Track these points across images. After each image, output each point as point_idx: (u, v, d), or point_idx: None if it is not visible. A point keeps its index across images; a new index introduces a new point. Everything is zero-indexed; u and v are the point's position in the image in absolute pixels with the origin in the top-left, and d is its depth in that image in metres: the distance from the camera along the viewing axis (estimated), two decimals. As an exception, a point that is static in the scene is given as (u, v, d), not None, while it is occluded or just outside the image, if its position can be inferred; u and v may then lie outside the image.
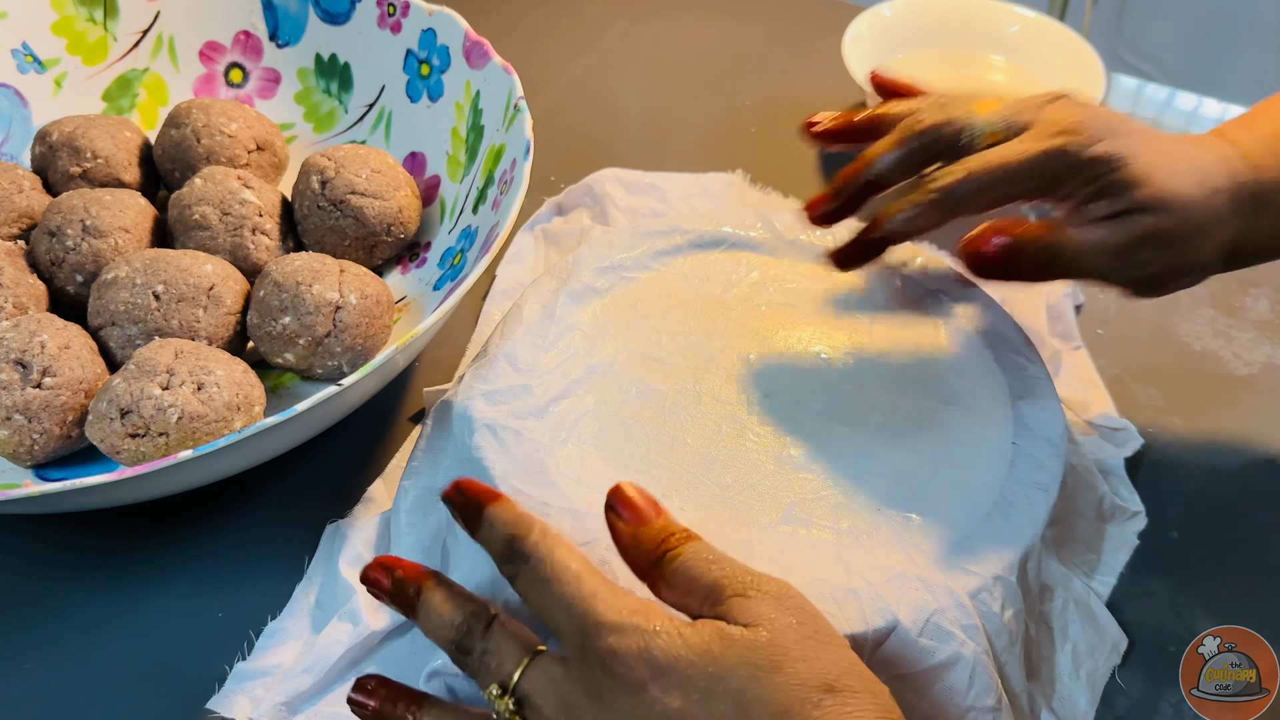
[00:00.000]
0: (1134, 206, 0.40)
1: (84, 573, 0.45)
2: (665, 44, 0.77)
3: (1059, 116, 0.41)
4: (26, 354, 0.45)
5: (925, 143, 0.42)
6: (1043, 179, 0.41)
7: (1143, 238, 0.40)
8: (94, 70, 0.63)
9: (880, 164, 0.43)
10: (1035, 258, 0.41)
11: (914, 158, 0.43)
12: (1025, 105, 0.43)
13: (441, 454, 0.45)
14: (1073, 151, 0.40)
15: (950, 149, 0.42)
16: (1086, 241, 0.41)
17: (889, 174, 0.43)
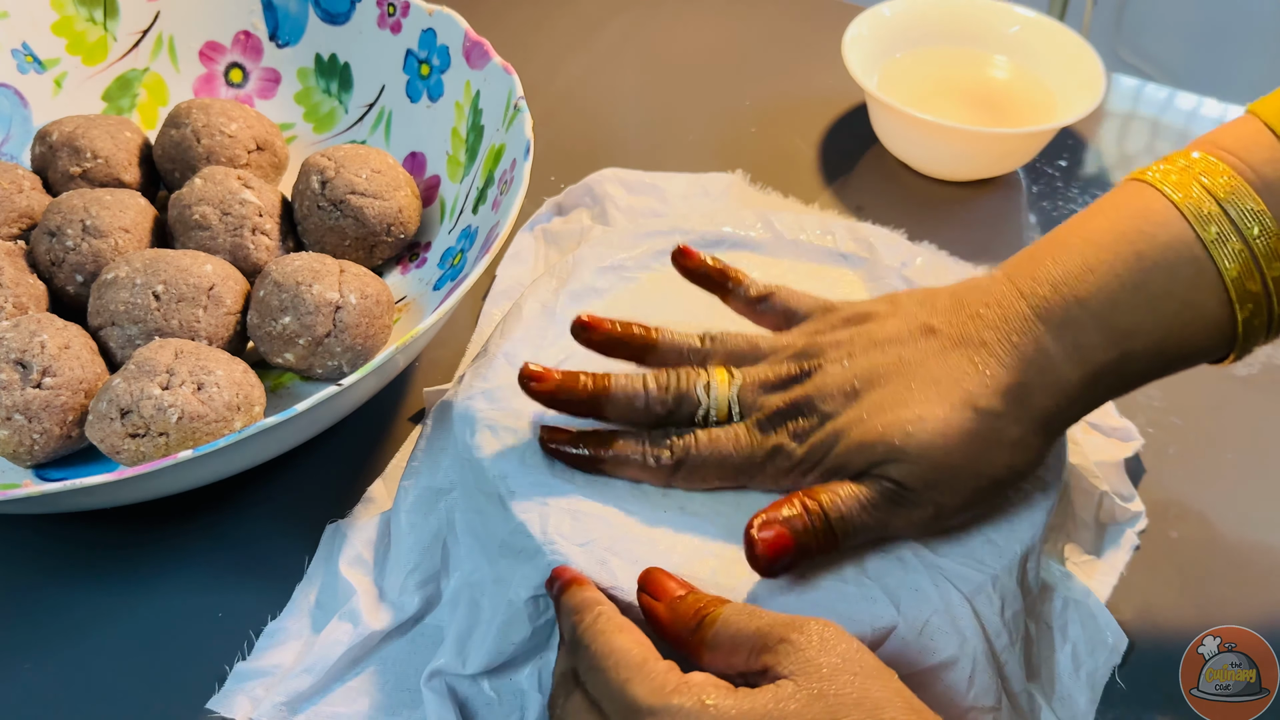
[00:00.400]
0: (867, 468, 0.37)
1: (84, 573, 0.45)
2: (665, 44, 0.77)
3: (780, 402, 0.40)
4: (26, 354, 0.45)
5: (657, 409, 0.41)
6: (757, 473, 0.40)
7: (899, 486, 0.37)
8: (94, 70, 0.63)
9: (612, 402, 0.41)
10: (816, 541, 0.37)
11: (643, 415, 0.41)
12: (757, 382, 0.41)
13: (441, 454, 0.45)
14: (786, 449, 0.39)
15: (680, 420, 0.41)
16: (852, 509, 0.37)
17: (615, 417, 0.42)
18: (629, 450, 0.41)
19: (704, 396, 0.41)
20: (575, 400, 0.41)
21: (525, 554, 0.39)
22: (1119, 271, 0.37)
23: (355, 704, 0.41)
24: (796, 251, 0.51)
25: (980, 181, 0.65)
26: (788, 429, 0.39)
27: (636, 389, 0.41)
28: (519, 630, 0.39)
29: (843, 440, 0.38)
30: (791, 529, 0.36)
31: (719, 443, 0.40)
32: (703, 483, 0.41)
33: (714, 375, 0.42)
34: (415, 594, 0.43)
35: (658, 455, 0.40)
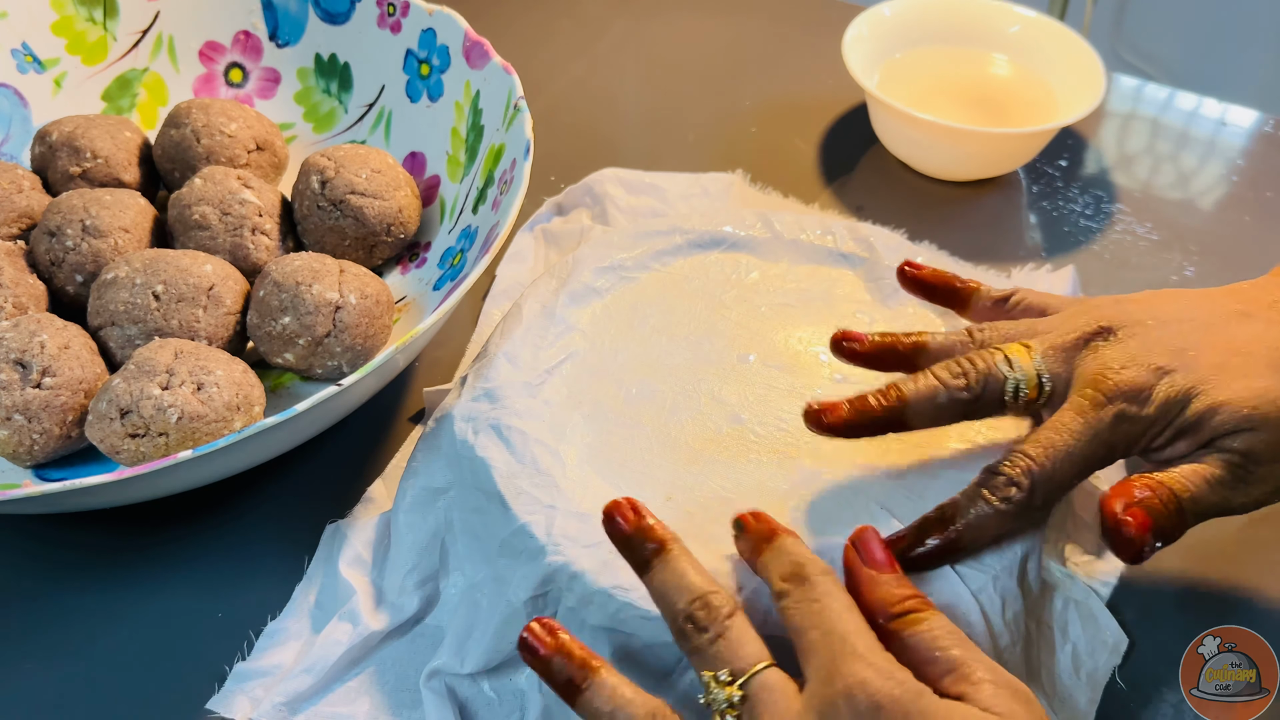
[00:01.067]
0: (1216, 435, 0.37)
1: (84, 572, 0.45)
2: (665, 44, 0.77)
3: (1100, 370, 0.37)
4: (26, 354, 0.45)
5: (963, 400, 0.39)
6: (1110, 452, 0.37)
7: (1244, 461, 0.36)
8: (94, 70, 0.63)
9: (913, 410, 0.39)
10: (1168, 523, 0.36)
11: (948, 412, 0.39)
12: (1061, 346, 0.39)
13: (441, 454, 0.45)
14: (1132, 414, 0.37)
15: (988, 407, 0.39)
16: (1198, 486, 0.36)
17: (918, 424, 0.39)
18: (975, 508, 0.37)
19: (1007, 370, 0.38)
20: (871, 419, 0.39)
21: (526, 554, 0.39)
22: None
23: (355, 704, 0.41)
24: (796, 251, 0.51)
25: (980, 181, 0.65)
26: (1121, 392, 0.37)
27: (932, 385, 0.39)
28: (517, 630, 0.39)
29: (1198, 399, 0.36)
30: (1149, 511, 0.35)
31: (1056, 444, 0.37)
32: (1060, 496, 0.38)
33: (1009, 350, 0.39)
34: (414, 594, 0.43)
35: (1006, 496, 0.37)
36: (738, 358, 0.46)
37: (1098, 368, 0.38)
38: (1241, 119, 0.71)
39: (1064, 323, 0.40)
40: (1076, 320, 0.39)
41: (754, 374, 0.46)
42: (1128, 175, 0.66)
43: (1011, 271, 0.58)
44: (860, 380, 0.45)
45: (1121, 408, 0.37)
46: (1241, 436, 0.36)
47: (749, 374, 0.46)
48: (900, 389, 0.39)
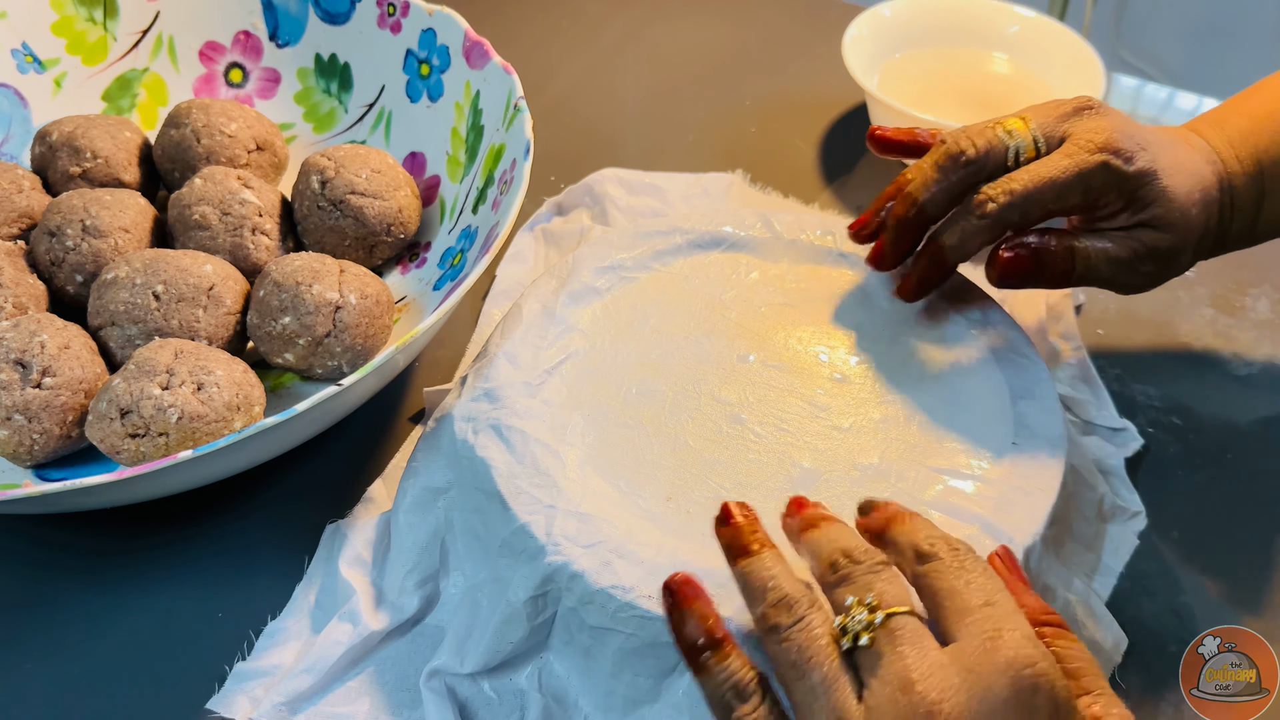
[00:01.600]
0: (1148, 221, 0.43)
1: (84, 573, 0.45)
2: (665, 44, 0.77)
3: (1092, 128, 0.43)
4: (26, 354, 0.45)
5: (970, 172, 0.43)
6: (1087, 192, 0.42)
7: (1147, 253, 0.43)
8: (94, 70, 0.63)
9: (930, 201, 0.44)
10: (1055, 266, 0.43)
11: (959, 188, 0.44)
12: (1054, 116, 0.44)
13: (441, 454, 0.45)
14: (1115, 167, 0.42)
15: (995, 173, 0.43)
16: (1096, 253, 0.44)
17: (939, 210, 0.44)
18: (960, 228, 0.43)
19: (1007, 139, 0.43)
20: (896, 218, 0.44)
21: (526, 554, 0.39)
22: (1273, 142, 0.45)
23: (355, 704, 0.41)
24: (796, 251, 0.51)
25: (980, 181, 0.65)
26: (1110, 148, 0.42)
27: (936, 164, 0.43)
28: (517, 629, 0.39)
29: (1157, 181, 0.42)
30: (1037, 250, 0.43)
31: (1042, 171, 0.42)
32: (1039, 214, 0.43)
33: (1005, 122, 0.44)
34: (414, 594, 0.43)
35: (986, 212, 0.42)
36: (738, 358, 0.46)
37: (1090, 127, 0.43)
38: (1241, 119, 0.70)
39: (1050, 104, 0.45)
40: (1061, 101, 0.45)
41: (754, 374, 0.46)
42: None
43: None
44: (862, 380, 0.45)
45: (1108, 158, 0.42)
46: (1154, 233, 0.43)
47: (749, 374, 0.46)
48: (912, 194, 0.44)
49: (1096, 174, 0.42)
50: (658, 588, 0.37)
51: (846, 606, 0.32)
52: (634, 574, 0.38)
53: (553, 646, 0.40)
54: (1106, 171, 0.42)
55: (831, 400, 0.45)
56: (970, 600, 0.32)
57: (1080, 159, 0.42)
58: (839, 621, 0.32)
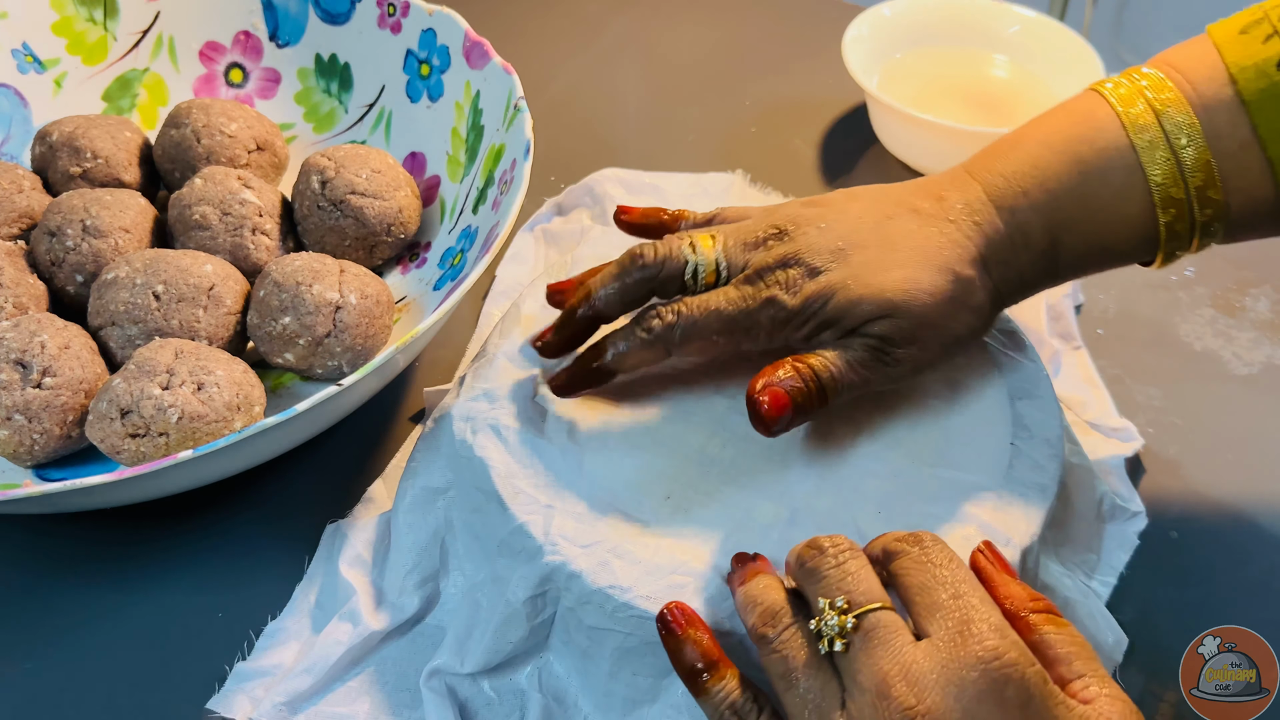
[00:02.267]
0: (859, 324, 0.40)
1: (84, 573, 0.45)
2: (665, 44, 0.77)
3: (769, 258, 0.41)
4: (26, 354, 0.45)
5: (645, 277, 0.42)
6: (753, 327, 0.41)
7: (881, 344, 0.40)
8: (94, 70, 0.63)
9: (601, 298, 0.43)
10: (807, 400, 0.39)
11: (633, 292, 0.42)
12: (743, 243, 0.42)
13: (441, 454, 0.45)
14: (780, 301, 0.40)
15: (669, 285, 0.42)
16: (839, 367, 0.40)
17: (610, 309, 0.43)
18: (623, 337, 0.42)
19: (690, 254, 0.42)
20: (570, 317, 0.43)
21: (525, 554, 0.39)
22: (1060, 171, 0.41)
23: (355, 704, 0.41)
24: (796, 251, 0.51)
25: (980, 181, 0.65)
26: (779, 282, 0.41)
27: (614, 270, 0.43)
28: (516, 629, 0.39)
29: (839, 294, 0.40)
30: (787, 389, 0.39)
31: (710, 301, 0.41)
32: (702, 346, 0.42)
33: (696, 237, 0.43)
34: (414, 594, 0.43)
35: (649, 326, 0.41)
36: (737, 357, 0.46)
37: (763, 261, 0.41)
38: (1241, 119, 0.70)
39: (750, 223, 0.44)
40: (760, 222, 0.43)
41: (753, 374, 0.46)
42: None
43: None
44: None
45: (773, 293, 0.41)
46: (880, 323, 0.40)
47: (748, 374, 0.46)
48: (587, 285, 0.43)
49: (762, 310, 0.40)
50: (655, 587, 0.37)
51: (819, 610, 0.34)
52: (632, 574, 0.38)
53: (552, 646, 0.40)
54: (771, 307, 0.40)
55: (831, 400, 0.45)
56: (938, 594, 0.33)
57: (746, 293, 0.41)
58: (813, 625, 0.33)
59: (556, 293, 0.46)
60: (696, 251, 0.42)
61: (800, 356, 0.40)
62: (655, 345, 0.42)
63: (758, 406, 0.39)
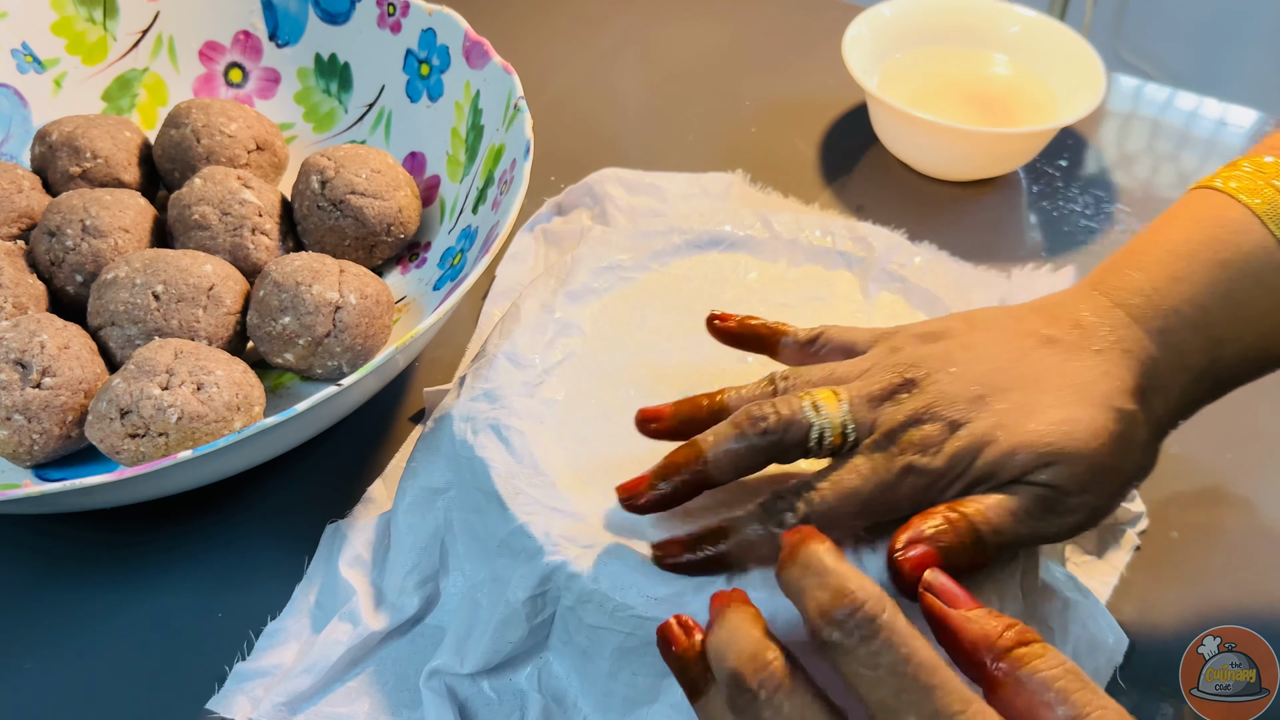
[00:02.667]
0: (1019, 476, 0.36)
1: (84, 573, 0.45)
2: (665, 44, 0.77)
3: (898, 416, 0.37)
4: (26, 354, 0.45)
5: (766, 444, 0.37)
6: (896, 501, 0.36)
7: (1049, 498, 0.36)
8: (94, 70, 0.63)
9: (714, 460, 0.37)
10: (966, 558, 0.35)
11: (751, 458, 0.38)
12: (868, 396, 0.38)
13: (440, 454, 0.45)
14: (920, 466, 0.36)
15: (792, 451, 0.38)
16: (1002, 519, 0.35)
17: (722, 475, 0.38)
18: (748, 531, 0.37)
19: (814, 416, 0.37)
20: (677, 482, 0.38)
21: (525, 554, 0.39)
22: (1206, 282, 0.38)
23: (355, 704, 0.41)
24: (795, 251, 0.51)
25: (980, 181, 0.65)
26: (914, 444, 0.36)
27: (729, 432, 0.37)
28: (516, 630, 0.39)
29: (988, 449, 0.36)
30: (938, 546, 0.34)
31: (844, 482, 0.36)
32: (837, 533, 0.36)
33: (818, 396, 0.38)
34: (414, 594, 0.43)
35: (781, 522, 0.36)
36: (736, 358, 0.46)
37: (894, 419, 0.37)
38: (1241, 119, 0.71)
39: (870, 372, 0.39)
40: (882, 372, 0.39)
41: (752, 374, 0.45)
42: (1128, 175, 0.66)
43: (1011, 272, 0.58)
44: (860, 380, 0.45)
45: (911, 460, 0.36)
46: (1047, 471, 0.35)
47: (747, 374, 0.46)
48: (698, 444, 0.38)
49: (901, 481, 0.36)
50: (656, 588, 0.37)
51: None
52: (632, 574, 0.38)
53: (552, 646, 0.40)
54: (912, 474, 0.36)
55: (831, 400, 0.44)
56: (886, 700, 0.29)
57: (880, 465, 0.36)
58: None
59: (649, 420, 0.41)
60: (820, 413, 0.37)
61: (955, 504, 0.35)
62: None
63: (899, 566, 0.34)
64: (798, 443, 0.37)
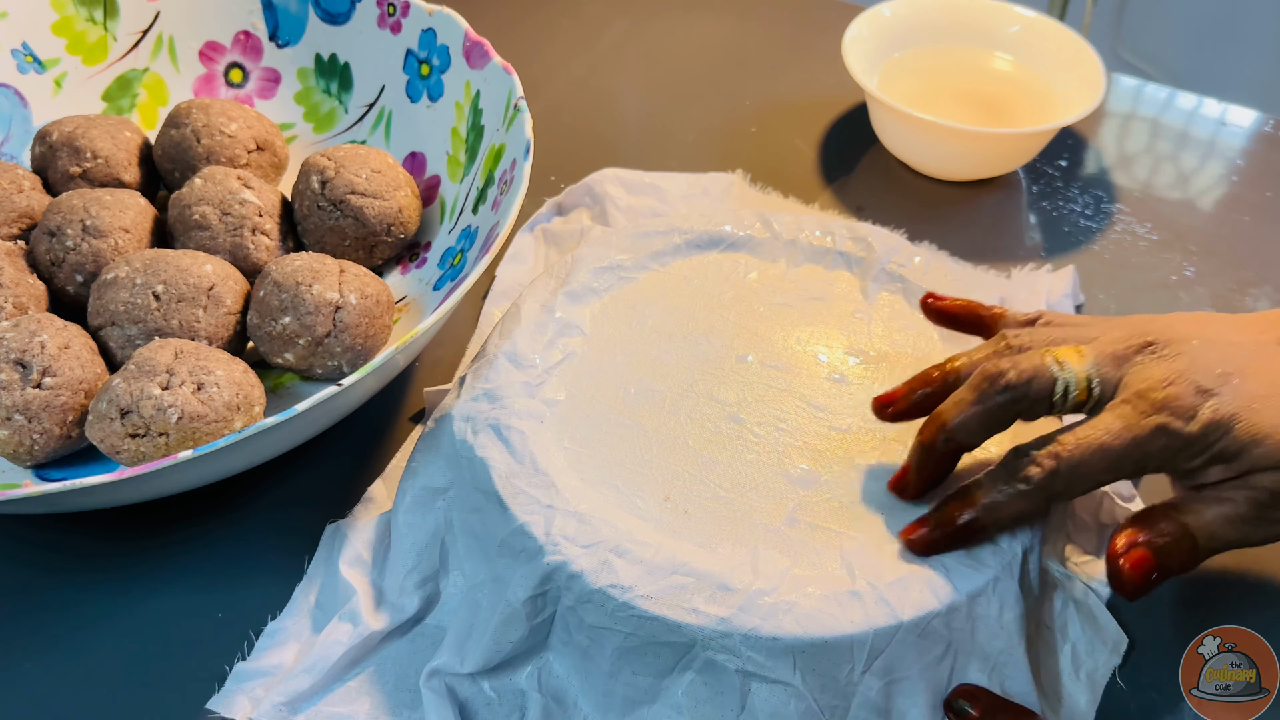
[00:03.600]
0: (1253, 468, 0.36)
1: (84, 573, 0.45)
2: (665, 44, 0.77)
3: (1151, 380, 0.37)
4: (26, 354, 0.45)
5: (1010, 400, 0.37)
6: (1144, 460, 0.36)
7: (1271, 498, 0.36)
8: (94, 70, 0.63)
9: (959, 427, 0.38)
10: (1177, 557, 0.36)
11: (997, 417, 0.38)
12: (1113, 355, 0.38)
13: (440, 454, 0.45)
14: (1174, 429, 0.36)
15: (1036, 407, 0.38)
16: (1216, 521, 0.36)
17: (971, 439, 0.38)
18: (995, 488, 0.37)
19: (1058, 371, 0.37)
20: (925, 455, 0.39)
21: (525, 554, 0.39)
22: None
23: (355, 704, 0.41)
24: (795, 252, 0.51)
25: (980, 181, 0.65)
26: (1167, 406, 0.36)
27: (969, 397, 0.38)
28: (516, 629, 0.39)
29: (1239, 426, 0.35)
30: (1154, 549, 0.36)
31: (1092, 437, 0.36)
32: (1082, 489, 0.37)
33: (1059, 353, 0.38)
34: (414, 594, 0.43)
35: (1027, 476, 0.37)
36: (736, 358, 0.46)
37: (1145, 379, 0.37)
38: (1241, 119, 0.71)
39: (1110, 332, 0.39)
40: (1122, 331, 0.39)
41: (752, 374, 0.46)
42: (1128, 175, 0.66)
43: (1011, 271, 0.58)
44: (860, 380, 0.45)
45: (1165, 420, 0.36)
46: (1274, 475, 0.35)
47: (747, 374, 0.46)
48: (939, 415, 0.38)
49: (1153, 440, 0.36)
50: (655, 587, 0.37)
51: None
52: (632, 573, 0.38)
53: (552, 646, 0.40)
54: (1164, 435, 0.36)
55: (830, 401, 0.45)
56: None
57: (1133, 422, 0.36)
58: None
59: (886, 404, 0.41)
60: (1064, 368, 0.37)
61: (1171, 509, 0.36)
62: (1035, 497, 0.37)
63: (1119, 568, 0.35)
64: (1042, 397, 0.37)
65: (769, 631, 0.36)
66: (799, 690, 0.36)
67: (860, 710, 0.37)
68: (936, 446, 0.38)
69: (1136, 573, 0.35)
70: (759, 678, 0.37)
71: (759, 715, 0.37)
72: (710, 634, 0.36)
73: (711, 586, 0.37)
